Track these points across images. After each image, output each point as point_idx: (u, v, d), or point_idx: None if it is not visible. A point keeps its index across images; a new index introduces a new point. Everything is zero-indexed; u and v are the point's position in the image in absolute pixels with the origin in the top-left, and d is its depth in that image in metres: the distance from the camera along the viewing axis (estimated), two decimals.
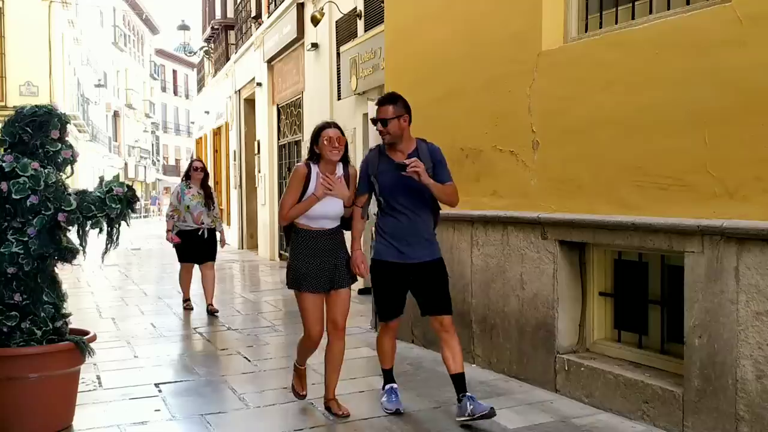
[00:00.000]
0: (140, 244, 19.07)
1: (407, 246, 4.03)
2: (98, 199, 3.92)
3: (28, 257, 3.82)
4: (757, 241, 3.31)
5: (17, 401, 3.83)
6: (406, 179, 3.88)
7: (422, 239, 4.06)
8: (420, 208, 4.05)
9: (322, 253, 3.99)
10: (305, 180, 3.93)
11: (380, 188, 4.05)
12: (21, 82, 20.78)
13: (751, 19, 3.35)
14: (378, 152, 4.15)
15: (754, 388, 3.34)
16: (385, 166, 4.03)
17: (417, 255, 4.04)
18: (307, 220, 3.96)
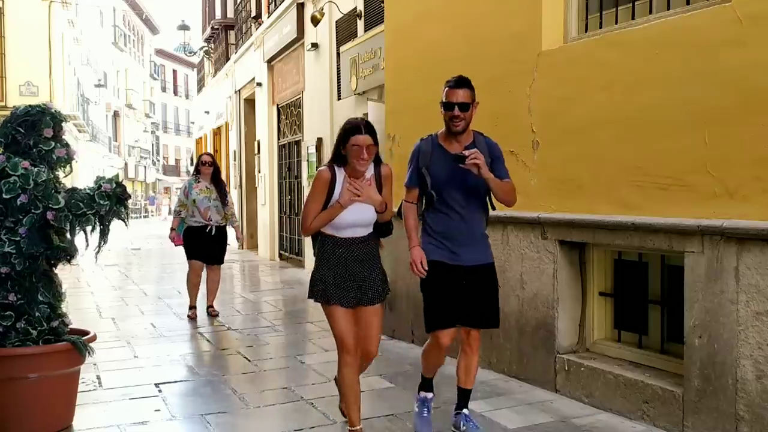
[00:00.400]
0: (140, 244, 19.07)
1: (460, 247, 3.65)
2: (87, 196, 3.90)
3: (20, 257, 3.82)
4: (757, 241, 3.31)
5: (17, 401, 3.83)
6: (462, 173, 3.54)
7: (476, 240, 3.70)
8: (474, 206, 3.69)
9: (352, 263, 3.55)
10: (329, 186, 3.48)
11: (432, 182, 3.66)
12: (21, 82, 20.77)
13: (750, 19, 3.35)
14: (431, 142, 3.74)
15: (754, 388, 3.34)
16: (440, 157, 3.66)
17: (471, 257, 3.67)
18: (333, 228, 3.52)
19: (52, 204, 3.82)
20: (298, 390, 4.75)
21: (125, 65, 43.68)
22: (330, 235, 3.58)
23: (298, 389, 4.77)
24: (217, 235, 7.43)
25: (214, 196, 7.38)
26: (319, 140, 10.83)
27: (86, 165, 29.22)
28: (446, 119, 3.60)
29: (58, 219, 3.84)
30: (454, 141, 3.65)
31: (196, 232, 7.37)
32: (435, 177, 3.65)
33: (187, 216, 7.39)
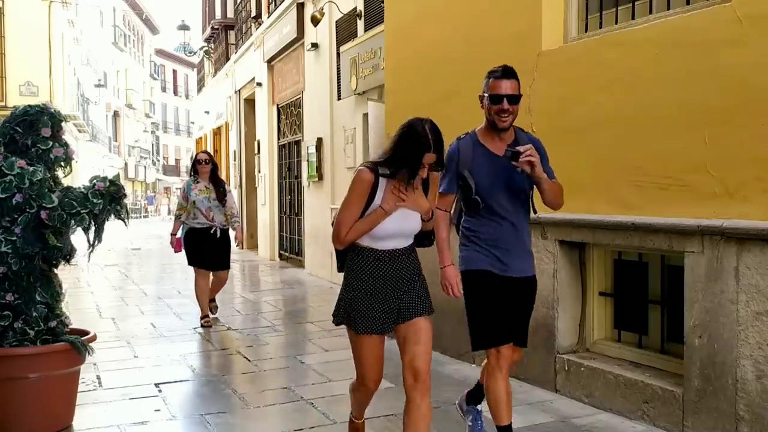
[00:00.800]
0: (140, 244, 19.07)
1: (510, 256, 3.30)
2: (81, 195, 3.89)
3: (16, 256, 3.81)
4: (757, 241, 3.31)
5: (17, 401, 3.83)
6: (507, 174, 3.23)
7: (525, 250, 3.37)
8: (521, 211, 3.36)
9: (391, 280, 3.04)
10: (371, 190, 2.97)
11: (476, 186, 3.27)
12: (21, 82, 20.78)
13: (750, 19, 3.35)
14: (471, 141, 3.34)
15: (754, 388, 3.34)
16: (483, 158, 3.28)
17: (520, 268, 3.34)
18: (372, 240, 3.02)
19: (46, 203, 3.81)
20: (298, 390, 4.75)
21: (125, 65, 43.68)
22: (366, 248, 3.05)
23: (298, 389, 4.77)
24: (221, 238, 7.04)
25: (214, 195, 7.02)
26: (319, 140, 10.83)
27: (86, 165, 29.20)
28: (492, 114, 3.21)
29: (51, 218, 3.82)
30: (497, 139, 3.27)
31: (199, 234, 6.97)
32: (479, 180, 3.25)
33: (189, 218, 7.02)
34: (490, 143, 3.29)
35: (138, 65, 47.81)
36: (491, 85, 3.22)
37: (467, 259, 3.36)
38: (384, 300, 3.04)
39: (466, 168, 3.28)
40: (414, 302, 3.08)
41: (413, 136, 2.89)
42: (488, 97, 3.22)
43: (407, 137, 2.91)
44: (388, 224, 2.99)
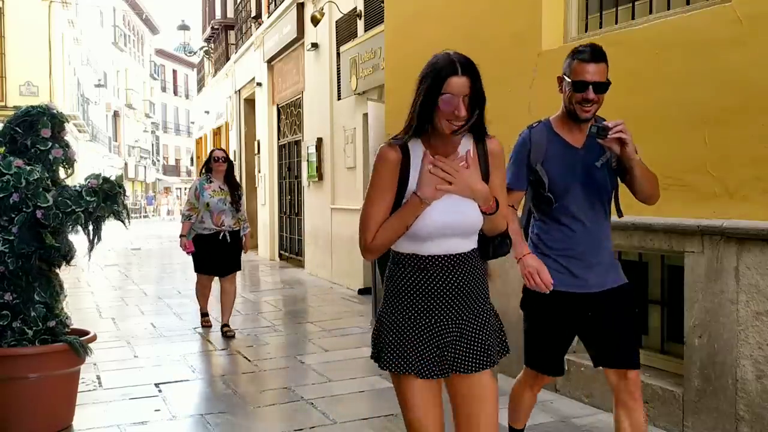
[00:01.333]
0: (140, 244, 19.07)
1: (586, 268, 2.81)
2: (75, 193, 3.89)
3: (13, 256, 3.81)
4: (757, 241, 3.31)
5: (17, 401, 3.84)
6: (587, 170, 2.79)
7: (605, 257, 2.86)
8: (601, 212, 2.86)
9: (446, 299, 2.17)
10: (400, 172, 2.15)
11: (550, 182, 2.80)
12: (21, 82, 20.78)
13: (751, 19, 3.35)
14: (545, 130, 2.88)
15: (754, 388, 3.34)
16: (559, 149, 2.82)
17: (599, 281, 2.82)
18: (413, 242, 2.17)
19: (41, 203, 3.80)
20: (298, 390, 4.75)
21: (125, 65, 43.69)
22: (407, 254, 2.20)
23: (298, 389, 4.77)
24: (232, 242, 6.51)
25: (230, 199, 6.46)
26: (319, 140, 10.83)
27: (86, 165, 29.16)
28: (572, 102, 2.77)
29: (47, 217, 3.81)
30: (575, 129, 2.82)
31: (206, 241, 6.45)
32: (553, 175, 2.80)
33: (196, 222, 6.48)
34: (567, 134, 2.83)
35: (138, 65, 47.82)
36: (575, 68, 2.77)
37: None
38: (433, 328, 2.17)
39: (539, 160, 2.81)
40: (478, 345, 2.20)
41: (432, 66, 2.20)
42: (570, 83, 2.76)
43: (426, 72, 2.21)
44: (432, 217, 2.12)
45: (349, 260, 9.49)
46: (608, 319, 2.83)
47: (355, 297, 8.75)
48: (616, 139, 2.61)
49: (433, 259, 2.18)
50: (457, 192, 2.09)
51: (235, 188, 6.57)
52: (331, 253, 10.35)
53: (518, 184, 2.87)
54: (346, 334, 6.46)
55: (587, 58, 2.77)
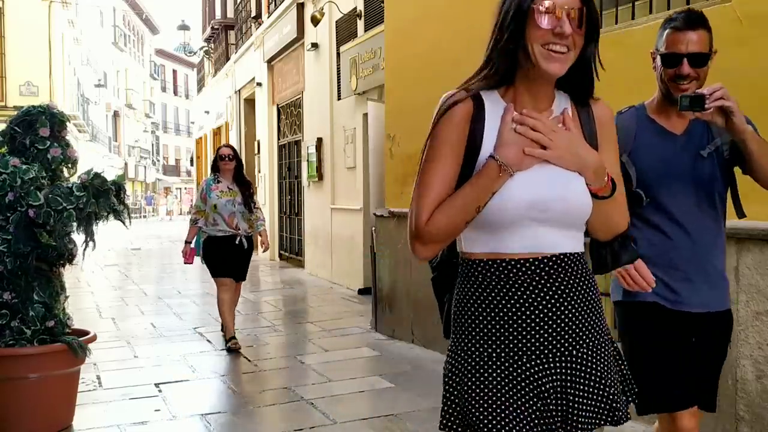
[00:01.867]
0: (140, 244, 19.08)
1: (686, 283, 2.30)
2: (66, 190, 3.86)
3: (10, 255, 3.81)
4: (756, 241, 3.30)
5: (17, 401, 3.83)
6: (690, 161, 2.31)
7: (712, 273, 2.34)
8: (707, 214, 2.34)
9: (540, 326, 1.54)
10: (471, 130, 1.53)
11: (639, 175, 2.31)
12: (21, 82, 20.78)
13: (751, 19, 3.35)
14: (637, 115, 2.46)
15: (754, 388, 3.34)
16: (652, 137, 2.36)
17: (702, 300, 2.32)
18: (486, 234, 1.52)
19: (32, 201, 3.79)
20: (298, 390, 4.75)
21: (125, 65, 43.70)
22: (480, 259, 1.55)
23: (298, 389, 4.77)
24: (248, 248, 6.06)
25: (239, 199, 5.93)
26: (319, 140, 10.84)
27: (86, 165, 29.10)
28: (665, 80, 2.33)
29: (39, 216, 3.79)
30: (674, 114, 2.34)
31: (220, 243, 5.91)
32: (645, 167, 2.30)
33: (207, 225, 5.94)
34: (664, 119, 2.39)
35: (138, 65, 47.83)
36: (668, 39, 2.31)
37: (622, 288, 2.29)
38: (528, 370, 1.53)
39: (626, 150, 2.30)
40: (597, 392, 1.57)
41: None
42: (661, 56, 2.33)
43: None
44: (515, 193, 1.48)
45: (349, 260, 9.50)
46: (706, 350, 2.37)
47: (355, 297, 8.76)
48: (718, 109, 2.09)
49: (518, 263, 1.51)
50: (556, 160, 1.48)
51: (246, 187, 6.03)
52: (331, 253, 10.36)
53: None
54: (346, 334, 6.46)
55: (680, 25, 2.30)
